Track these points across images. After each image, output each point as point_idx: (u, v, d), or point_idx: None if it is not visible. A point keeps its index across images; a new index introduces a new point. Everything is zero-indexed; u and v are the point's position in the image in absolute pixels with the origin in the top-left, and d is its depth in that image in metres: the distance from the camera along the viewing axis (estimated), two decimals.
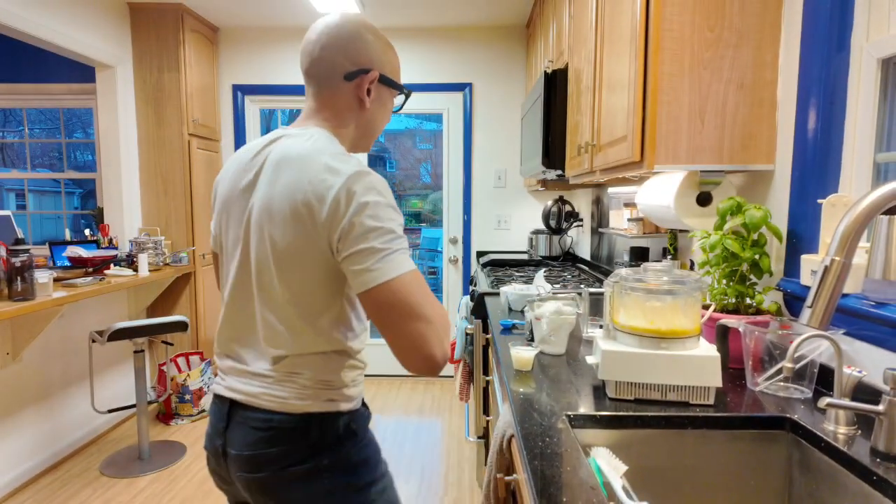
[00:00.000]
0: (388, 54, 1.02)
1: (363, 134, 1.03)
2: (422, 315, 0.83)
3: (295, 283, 0.88)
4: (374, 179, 0.86)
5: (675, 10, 1.28)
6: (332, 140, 0.94)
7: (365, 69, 0.97)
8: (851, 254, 0.74)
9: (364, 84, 0.98)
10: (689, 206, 1.46)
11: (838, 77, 1.16)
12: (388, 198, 0.87)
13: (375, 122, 1.04)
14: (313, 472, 0.91)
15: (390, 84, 1.02)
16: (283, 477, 0.90)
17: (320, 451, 0.91)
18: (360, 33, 0.97)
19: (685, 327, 1.04)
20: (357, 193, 0.83)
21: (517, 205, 3.93)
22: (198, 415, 3.30)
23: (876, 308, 1.00)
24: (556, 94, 2.28)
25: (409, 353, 0.83)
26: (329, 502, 0.92)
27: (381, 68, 0.99)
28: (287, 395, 0.91)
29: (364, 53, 0.97)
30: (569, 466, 0.80)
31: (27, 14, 2.59)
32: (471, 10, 3.47)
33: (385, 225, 0.84)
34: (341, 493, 0.92)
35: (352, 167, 0.86)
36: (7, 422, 2.48)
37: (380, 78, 0.99)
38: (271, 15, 3.55)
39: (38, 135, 4.02)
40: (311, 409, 0.91)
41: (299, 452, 0.90)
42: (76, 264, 2.84)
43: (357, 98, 0.99)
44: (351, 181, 0.84)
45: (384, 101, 1.04)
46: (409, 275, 0.83)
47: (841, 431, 0.91)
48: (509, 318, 1.85)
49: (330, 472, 0.91)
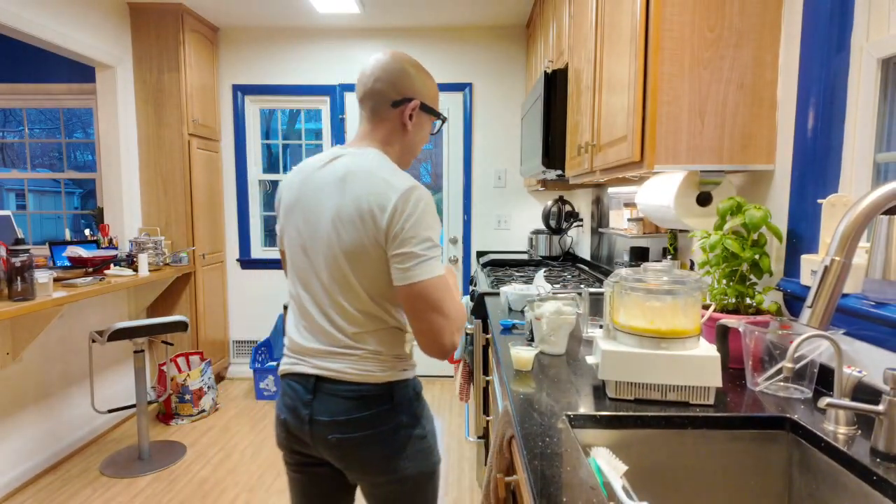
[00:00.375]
0: (428, 85, 1.21)
1: (405, 152, 1.23)
2: (441, 310, 1.05)
3: (362, 274, 1.09)
4: (422, 194, 1.06)
5: (675, 11, 1.28)
6: (385, 158, 1.14)
7: (408, 98, 1.17)
8: (851, 254, 0.74)
9: (407, 111, 1.17)
10: (689, 206, 1.46)
11: (838, 77, 1.16)
12: (431, 210, 1.07)
13: (416, 143, 1.23)
14: (396, 428, 1.13)
15: (429, 111, 1.22)
16: (374, 435, 1.12)
17: (400, 411, 1.14)
18: (404, 68, 1.17)
19: (685, 327, 1.04)
20: (409, 205, 1.04)
21: (517, 205, 3.93)
22: (198, 415, 3.30)
23: (876, 308, 1.00)
24: (556, 94, 2.28)
25: (426, 337, 1.06)
26: (405, 451, 1.14)
27: (422, 97, 1.19)
28: (372, 369, 1.12)
29: (408, 85, 1.17)
30: (569, 466, 0.80)
31: (27, 14, 2.59)
32: (471, 10, 3.47)
33: (425, 233, 1.04)
34: (413, 442, 1.16)
35: (406, 183, 1.06)
36: (7, 422, 2.49)
37: (420, 105, 1.19)
38: (271, 15, 3.55)
39: (38, 135, 4.02)
40: (390, 378, 1.13)
41: (385, 414, 1.13)
42: (76, 264, 2.84)
43: (401, 122, 1.18)
44: (405, 195, 1.04)
45: (423, 125, 1.23)
46: (437, 279, 1.04)
47: (841, 431, 0.91)
48: (509, 318, 1.85)
49: (406, 428, 1.15)
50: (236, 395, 3.73)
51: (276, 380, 3.63)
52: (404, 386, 1.16)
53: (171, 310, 3.54)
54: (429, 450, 1.20)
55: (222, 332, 3.93)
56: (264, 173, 4.03)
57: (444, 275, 1.06)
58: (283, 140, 4.15)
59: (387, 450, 1.13)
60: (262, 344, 3.77)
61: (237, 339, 4.05)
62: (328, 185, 1.11)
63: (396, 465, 1.14)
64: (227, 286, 4.01)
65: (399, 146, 1.20)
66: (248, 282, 4.03)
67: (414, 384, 1.20)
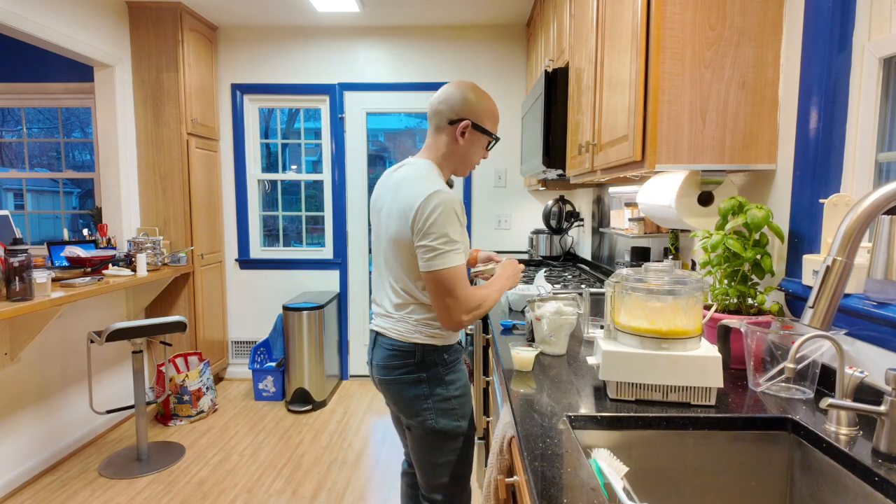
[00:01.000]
0: (482, 108, 1.44)
1: (460, 164, 1.49)
2: (453, 294, 1.32)
3: (401, 258, 1.40)
4: (444, 198, 1.31)
5: (676, 9, 1.28)
6: (433, 168, 1.43)
7: (462, 118, 1.43)
8: (853, 254, 0.74)
9: (459, 128, 1.43)
10: (690, 206, 1.45)
11: (840, 76, 1.16)
12: (448, 211, 1.30)
13: (469, 156, 1.48)
14: (416, 381, 1.45)
15: (481, 130, 1.46)
16: (399, 381, 1.46)
17: (422, 369, 1.44)
18: (463, 93, 1.44)
19: (686, 328, 1.03)
20: (429, 207, 1.30)
21: (517, 204, 3.93)
22: (196, 416, 3.29)
23: (878, 308, 1.00)
24: (557, 93, 2.27)
25: (441, 314, 1.35)
26: (426, 404, 1.45)
27: (474, 118, 1.44)
28: (403, 330, 1.44)
29: (464, 107, 1.43)
30: (569, 468, 0.80)
31: (26, 13, 2.58)
32: (471, 9, 3.47)
33: (441, 231, 1.30)
34: (433, 397, 1.45)
35: (431, 188, 1.32)
36: (5, 422, 2.48)
37: (472, 125, 1.44)
38: (270, 14, 3.54)
39: (37, 134, 4.01)
40: (416, 340, 1.44)
41: (408, 367, 1.44)
42: (74, 264, 2.83)
43: (455, 138, 1.45)
44: (427, 199, 1.31)
45: (475, 142, 1.47)
46: (450, 269, 1.31)
47: (843, 432, 0.90)
48: (509, 319, 1.84)
49: (426, 383, 1.45)
50: (235, 396, 3.72)
51: (274, 380, 3.63)
52: (431, 350, 1.44)
53: (170, 310, 3.53)
54: (451, 411, 1.46)
55: (221, 332, 3.92)
56: (263, 173, 4.03)
57: (458, 265, 1.31)
58: (283, 139, 4.15)
59: (409, 395, 1.45)
60: (261, 344, 3.76)
61: (236, 340, 4.04)
62: (388, 189, 1.45)
63: (419, 413, 1.45)
64: (225, 286, 4.00)
65: (454, 158, 1.47)
66: (247, 282, 4.02)
67: (442, 351, 1.45)
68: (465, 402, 1.50)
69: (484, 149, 1.49)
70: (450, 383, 1.47)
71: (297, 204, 4.13)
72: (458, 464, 1.50)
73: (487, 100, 1.46)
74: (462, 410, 1.48)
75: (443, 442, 1.47)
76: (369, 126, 3.96)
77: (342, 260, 3.99)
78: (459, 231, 1.32)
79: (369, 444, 3.01)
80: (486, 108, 1.45)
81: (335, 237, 3.98)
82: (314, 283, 4.02)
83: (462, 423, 1.48)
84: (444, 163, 1.47)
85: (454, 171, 1.50)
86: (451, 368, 1.48)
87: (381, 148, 4.49)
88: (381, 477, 2.65)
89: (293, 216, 4.15)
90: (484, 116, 1.45)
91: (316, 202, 4.09)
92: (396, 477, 2.65)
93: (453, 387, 1.47)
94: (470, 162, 1.49)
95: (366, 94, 3.89)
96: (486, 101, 1.46)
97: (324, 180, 3.99)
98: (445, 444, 1.47)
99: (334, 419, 3.36)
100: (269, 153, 4.14)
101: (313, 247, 4.12)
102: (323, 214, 4.04)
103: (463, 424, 1.49)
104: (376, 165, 4.28)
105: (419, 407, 1.45)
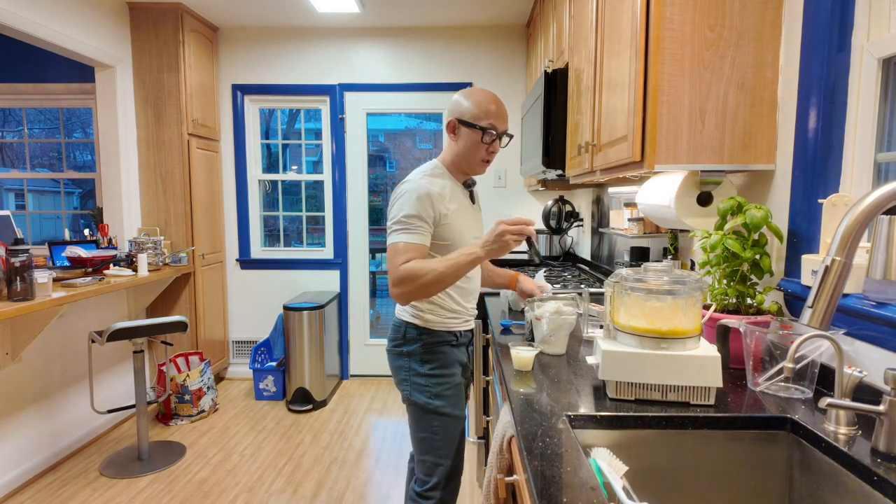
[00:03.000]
0: (468, 104, 1.53)
1: (463, 161, 1.58)
2: (388, 268, 1.46)
3: None
4: (410, 185, 1.49)
5: (676, 10, 1.28)
6: (433, 166, 1.60)
7: (451, 118, 1.56)
8: (852, 254, 0.74)
9: (449, 127, 1.57)
10: (689, 206, 1.45)
11: (839, 77, 1.16)
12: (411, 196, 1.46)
13: (466, 152, 1.56)
14: (400, 353, 1.63)
15: (466, 125, 1.53)
16: (391, 351, 1.66)
17: (405, 343, 1.61)
18: (456, 98, 1.57)
19: (686, 327, 1.04)
20: (396, 194, 1.51)
21: (517, 204, 3.93)
22: (197, 415, 3.29)
23: (876, 308, 1.00)
24: (557, 93, 2.28)
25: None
26: (405, 377, 1.61)
27: (458, 115, 1.55)
28: (398, 307, 1.64)
29: (453, 108, 1.57)
30: (569, 467, 0.80)
31: (27, 14, 2.59)
32: (471, 10, 3.47)
33: (396, 213, 1.47)
34: (410, 371, 1.60)
35: (407, 180, 1.53)
36: (7, 422, 2.48)
37: (459, 121, 1.54)
38: (271, 14, 3.55)
39: (38, 135, 4.02)
40: (403, 317, 1.62)
41: (397, 341, 1.63)
42: (75, 264, 2.84)
43: (451, 138, 1.58)
44: (399, 187, 1.52)
45: (466, 137, 1.55)
46: (389, 246, 1.46)
47: (841, 432, 0.91)
48: (509, 319, 1.84)
49: (407, 357, 1.61)
50: (236, 396, 3.73)
51: (275, 380, 3.63)
52: (413, 328, 1.59)
53: (171, 310, 3.54)
54: (424, 388, 1.59)
55: (222, 332, 3.93)
56: (264, 173, 4.03)
57: (398, 242, 1.44)
58: (283, 140, 4.15)
59: (394, 365, 1.64)
60: (262, 344, 3.77)
61: (237, 340, 4.05)
62: None
63: (400, 383, 1.62)
64: (226, 286, 4.00)
65: (455, 156, 1.58)
66: (248, 282, 4.02)
67: (424, 332, 1.59)
68: (441, 384, 1.59)
69: (481, 142, 1.53)
70: (426, 362, 1.59)
71: (297, 204, 4.14)
72: (436, 443, 1.59)
73: (477, 95, 1.53)
74: (435, 389, 1.58)
75: (419, 416, 1.60)
76: (369, 126, 3.96)
77: (342, 260, 3.99)
78: (415, 214, 1.44)
79: (369, 444, 3.01)
80: (473, 102, 1.52)
81: (335, 237, 3.98)
82: (314, 283, 4.02)
83: (435, 402, 1.58)
84: (451, 162, 1.59)
85: (462, 168, 1.59)
86: (430, 350, 1.59)
87: (381, 148, 4.49)
88: (382, 476, 2.66)
89: (294, 216, 4.15)
90: (468, 111, 1.52)
91: (316, 202, 4.09)
92: (397, 476, 2.66)
93: (429, 366, 1.59)
94: (472, 157, 1.56)
95: (366, 95, 3.89)
96: (475, 97, 1.53)
97: (324, 181, 3.99)
98: (422, 420, 1.59)
99: (335, 419, 3.36)
100: (270, 153, 4.14)
101: (314, 247, 4.12)
102: (323, 215, 4.04)
103: (435, 403, 1.58)
104: (376, 166, 4.28)
105: (399, 377, 1.63)
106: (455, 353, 1.63)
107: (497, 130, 1.54)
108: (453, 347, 1.63)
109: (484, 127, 1.52)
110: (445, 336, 1.61)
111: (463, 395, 1.67)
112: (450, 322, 1.62)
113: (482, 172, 1.61)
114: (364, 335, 4.07)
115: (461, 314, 1.64)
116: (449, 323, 1.61)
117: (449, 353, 1.61)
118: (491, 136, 1.53)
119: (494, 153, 1.57)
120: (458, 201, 1.56)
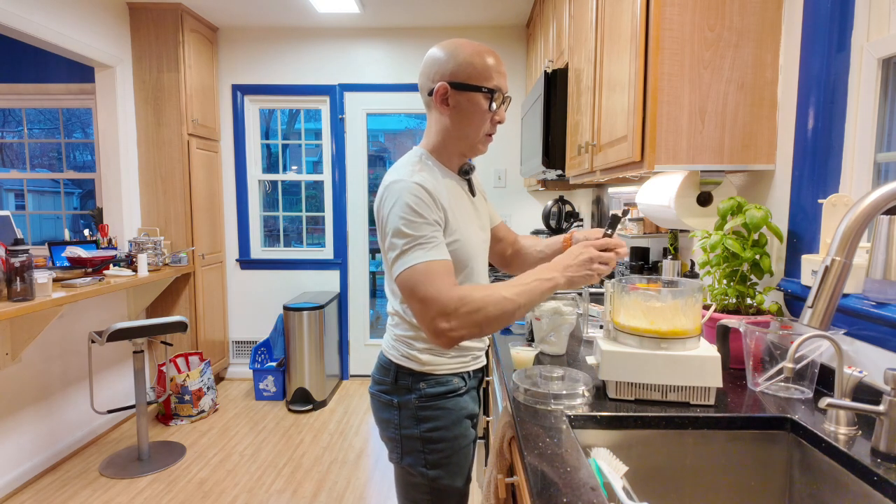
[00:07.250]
0: (458, 61, 1.09)
1: (458, 140, 1.15)
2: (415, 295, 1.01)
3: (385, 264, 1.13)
4: (396, 187, 1.05)
5: (676, 10, 1.28)
6: (417, 155, 1.15)
7: (436, 83, 1.11)
8: (852, 254, 0.74)
9: (437, 96, 1.11)
10: (689, 206, 1.45)
11: (839, 77, 1.16)
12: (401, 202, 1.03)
13: (464, 126, 1.13)
14: (388, 404, 1.20)
15: (464, 87, 1.09)
16: (375, 396, 1.24)
17: (394, 391, 1.19)
18: (433, 54, 1.12)
19: (686, 327, 1.04)
20: (385, 199, 1.06)
21: (517, 205, 3.93)
22: (197, 415, 3.29)
23: (876, 308, 1.00)
24: (557, 93, 2.28)
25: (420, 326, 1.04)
26: (394, 432, 1.19)
27: (450, 77, 1.10)
28: (386, 343, 1.24)
29: (436, 69, 1.11)
30: (569, 467, 0.80)
31: (27, 14, 2.59)
32: (471, 10, 3.47)
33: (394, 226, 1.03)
34: (404, 433, 1.18)
35: (390, 179, 1.08)
36: (7, 422, 2.48)
37: (451, 85, 1.10)
38: (271, 14, 3.55)
39: (38, 135, 4.02)
40: (392, 357, 1.20)
41: (385, 385, 1.21)
42: (75, 265, 2.84)
43: (440, 110, 1.13)
44: (384, 192, 1.07)
45: (464, 106, 1.11)
46: (412, 268, 1.01)
47: (841, 432, 0.91)
48: None
49: (398, 410, 1.18)
50: (236, 396, 3.73)
51: (275, 380, 3.63)
52: (406, 374, 1.18)
53: (171, 310, 3.54)
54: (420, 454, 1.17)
55: (222, 332, 3.92)
56: (264, 173, 4.03)
57: (421, 262, 1.00)
58: (283, 140, 4.15)
59: (379, 417, 1.24)
60: (262, 344, 3.77)
61: (236, 340, 4.05)
62: None
63: (388, 441, 1.23)
64: (226, 286, 4.00)
65: (447, 134, 1.14)
66: (248, 282, 4.02)
67: (421, 379, 1.17)
68: (441, 450, 1.18)
69: (486, 110, 1.11)
70: (422, 420, 1.16)
71: (297, 204, 4.14)
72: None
73: (466, 48, 1.10)
74: (432, 457, 1.17)
75: (408, 484, 1.21)
76: (369, 127, 3.96)
77: (342, 260, 3.99)
78: (416, 223, 1.02)
79: (369, 444, 3.01)
80: (463, 59, 1.09)
81: (335, 237, 3.98)
82: (314, 283, 4.02)
83: (431, 472, 1.17)
84: (441, 144, 1.16)
85: (459, 150, 1.17)
86: (429, 404, 1.16)
87: (381, 148, 4.49)
88: (382, 476, 2.66)
89: (294, 216, 4.15)
90: (462, 70, 1.09)
91: (316, 202, 4.09)
92: None
93: (426, 425, 1.16)
94: (470, 133, 1.13)
95: (366, 95, 3.89)
96: (463, 51, 1.09)
97: (324, 181, 3.99)
98: (411, 489, 1.21)
99: (335, 419, 3.36)
100: (270, 154, 4.14)
101: (314, 247, 4.12)
102: (323, 215, 4.04)
103: (431, 474, 1.17)
104: (376, 166, 4.28)
105: (386, 434, 1.22)
106: (462, 403, 1.20)
107: (504, 91, 1.13)
108: (460, 396, 1.20)
109: (490, 88, 1.10)
110: (450, 383, 1.19)
111: (469, 457, 1.24)
112: (455, 362, 1.20)
113: (484, 152, 1.18)
114: (364, 335, 4.07)
115: (470, 349, 1.23)
116: (454, 364, 1.20)
117: (454, 407, 1.19)
118: (498, 99, 1.12)
119: (501, 122, 1.15)
120: (454, 197, 1.14)
